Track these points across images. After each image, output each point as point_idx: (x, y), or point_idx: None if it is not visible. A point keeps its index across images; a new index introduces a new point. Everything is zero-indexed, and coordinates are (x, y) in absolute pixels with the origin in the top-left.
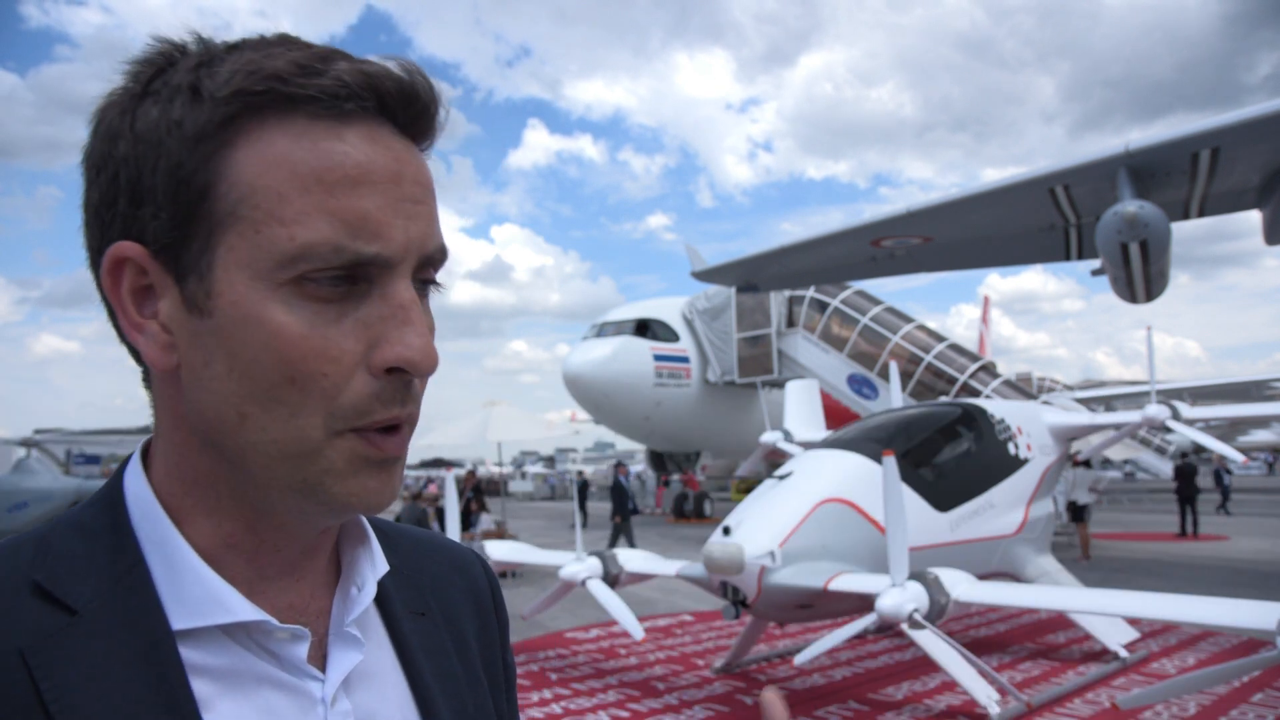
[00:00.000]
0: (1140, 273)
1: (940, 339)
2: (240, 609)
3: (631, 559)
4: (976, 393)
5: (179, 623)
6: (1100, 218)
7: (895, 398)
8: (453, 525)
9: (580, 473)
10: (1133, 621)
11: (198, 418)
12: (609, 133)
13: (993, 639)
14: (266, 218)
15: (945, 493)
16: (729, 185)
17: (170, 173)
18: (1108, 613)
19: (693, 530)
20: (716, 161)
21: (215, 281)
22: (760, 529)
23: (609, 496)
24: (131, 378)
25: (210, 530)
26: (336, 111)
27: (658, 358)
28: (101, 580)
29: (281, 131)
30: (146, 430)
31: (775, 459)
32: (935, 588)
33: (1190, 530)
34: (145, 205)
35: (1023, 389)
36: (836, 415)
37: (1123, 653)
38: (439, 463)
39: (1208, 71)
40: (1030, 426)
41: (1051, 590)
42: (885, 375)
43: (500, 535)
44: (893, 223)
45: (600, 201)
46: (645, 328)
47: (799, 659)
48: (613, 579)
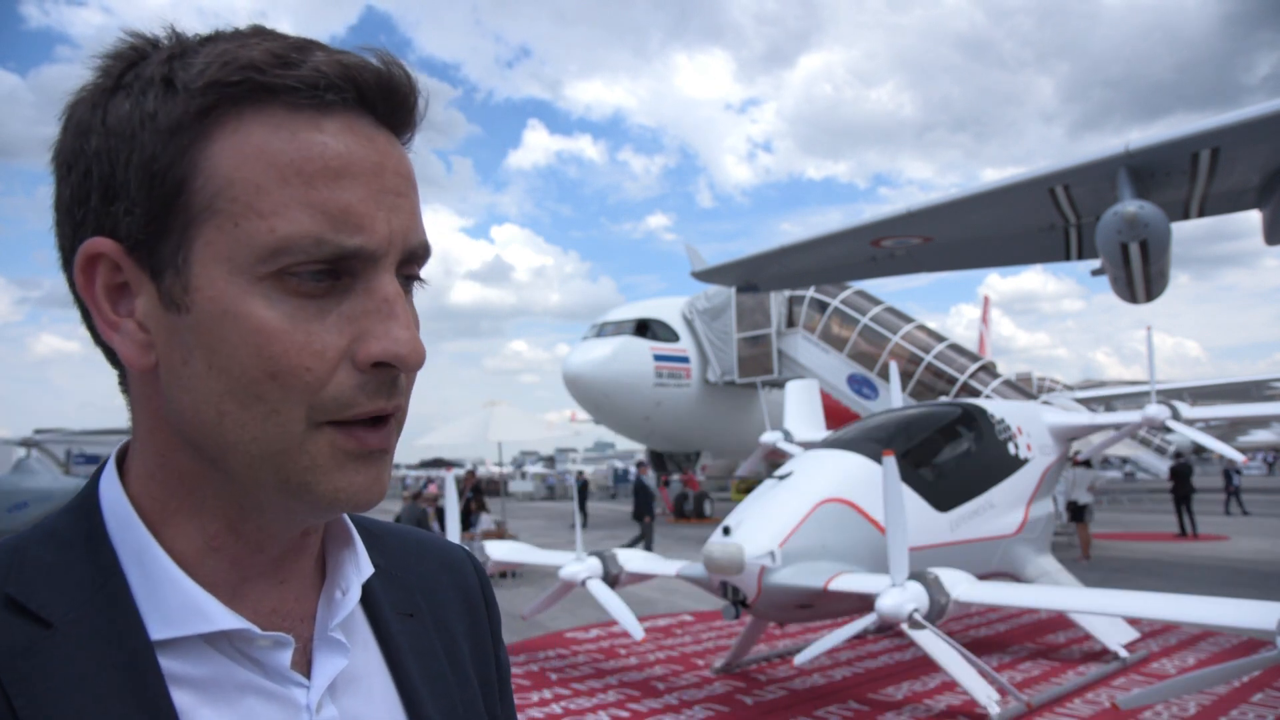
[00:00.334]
0: (1140, 273)
1: (940, 339)
2: (220, 618)
3: (631, 559)
4: (976, 393)
5: (158, 633)
6: (1100, 218)
7: (895, 398)
8: (453, 525)
9: (580, 473)
10: (1133, 621)
11: (178, 417)
12: (609, 133)
13: (993, 639)
14: (245, 210)
15: (945, 493)
16: (729, 185)
17: (144, 166)
18: (1108, 613)
19: (693, 530)
20: (716, 162)
21: (193, 277)
22: (760, 529)
23: (631, 496)
24: None
25: (193, 533)
26: (315, 102)
27: (658, 358)
28: (77, 592)
29: (259, 123)
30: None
31: (775, 459)
32: (935, 588)
33: (1190, 530)
34: (119, 200)
35: (1023, 389)
36: (836, 415)
37: (1123, 653)
38: (439, 463)
39: (1207, 72)
40: (1030, 426)
41: (1051, 590)
42: (885, 375)
43: (500, 535)
44: (893, 223)
45: (600, 202)
46: (645, 328)
47: (799, 659)
48: (613, 579)
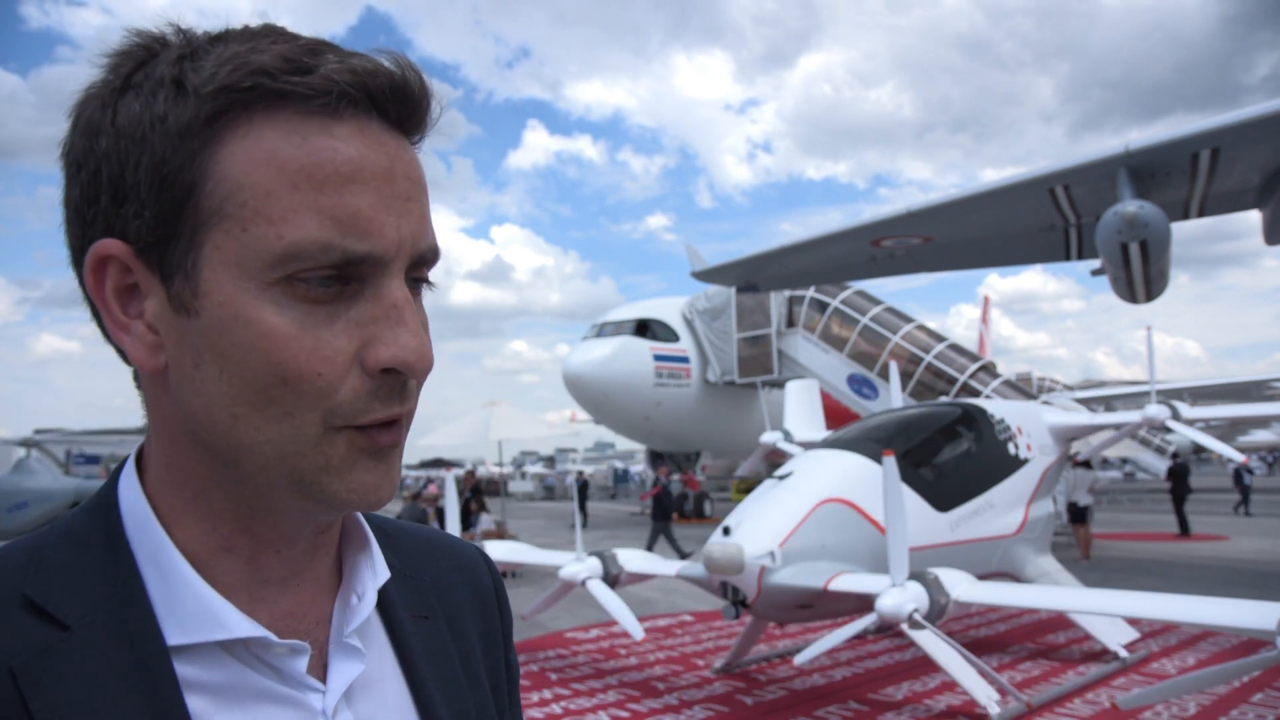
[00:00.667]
0: (1140, 273)
1: (940, 339)
2: (237, 625)
3: (631, 559)
4: (976, 393)
5: (174, 638)
6: (1100, 218)
7: (895, 398)
8: (453, 525)
9: (580, 473)
10: (1133, 621)
11: (188, 419)
12: (608, 133)
13: (993, 639)
14: (254, 216)
15: (945, 493)
16: (728, 186)
17: (154, 169)
18: (1108, 613)
19: (693, 530)
20: (716, 162)
21: (202, 281)
22: (760, 529)
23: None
24: (130, 378)
25: (204, 534)
26: (327, 107)
27: (658, 358)
28: (95, 594)
29: (270, 128)
30: (145, 431)
31: (775, 459)
32: (935, 588)
33: (1183, 530)
34: (128, 203)
35: (1023, 389)
36: (836, 415)
37: (1123, 653)
38: (439, 463)
39: (1206, 72)
40: (1030, 426)
41: (1051, 590)
42: (885, 375)
43: (500, 535)
44: (893, 223)
45: (600, 202)
46: (645, 328)
47: (799, 659)
48: (613, 579)
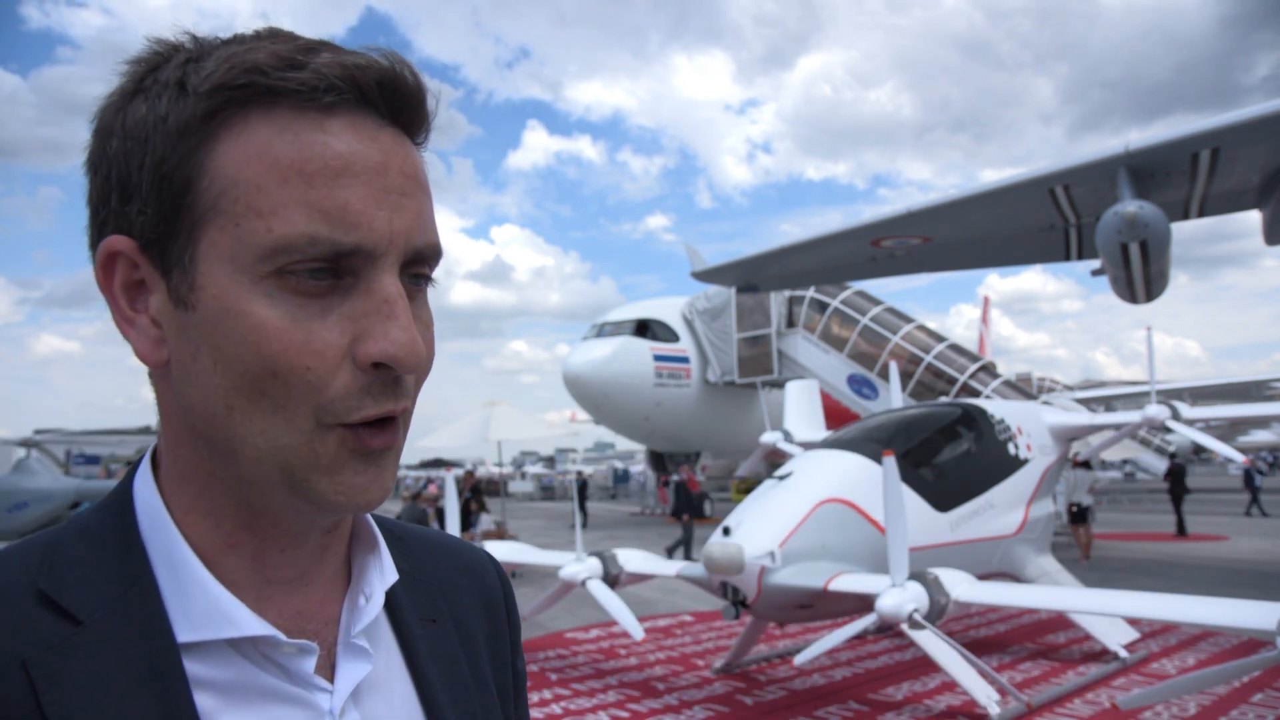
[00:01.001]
0: (1140, 273)
1: (940, 339)
2: (246, 624)
3: (631, 559)
4: (976, 393)
5: (184, 635)
6: (1100, 218)
7: (895, 398)
8: (453, 526)
9: (579, 473)
10: (1133, 622)
11: (188, 412)
12: (608, 134)
13: (993, 639)
14: (246, 210)
15: (945, 493)
16: (728, 186)
17: (155, 168)
18: (1108, 613)
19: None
20: (715, 163)
21: (199, 275)
22: (760, 529)
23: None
24: (131, 378)
25: (209, 530)
26: (320, 103)
27: (658, 358)
28: (108, 590)
29: (265, 124)
30: (147, 430)
31: (775, 459)
32: (935, 588)
33: (1180, 530)
34: (134, 200)
35: (1023, 389)
36: (836, 415)
37: (1123, 653)
38: (439, 463)
39: (1206, 73)
40: (1030, 427)
41: (1051, 590)
42: (885, 375)
43: (500, 535)
44: (893, 223)
45: (600, 202)
46: (645, 328)
47: (799, 659)
48: (613, 579)
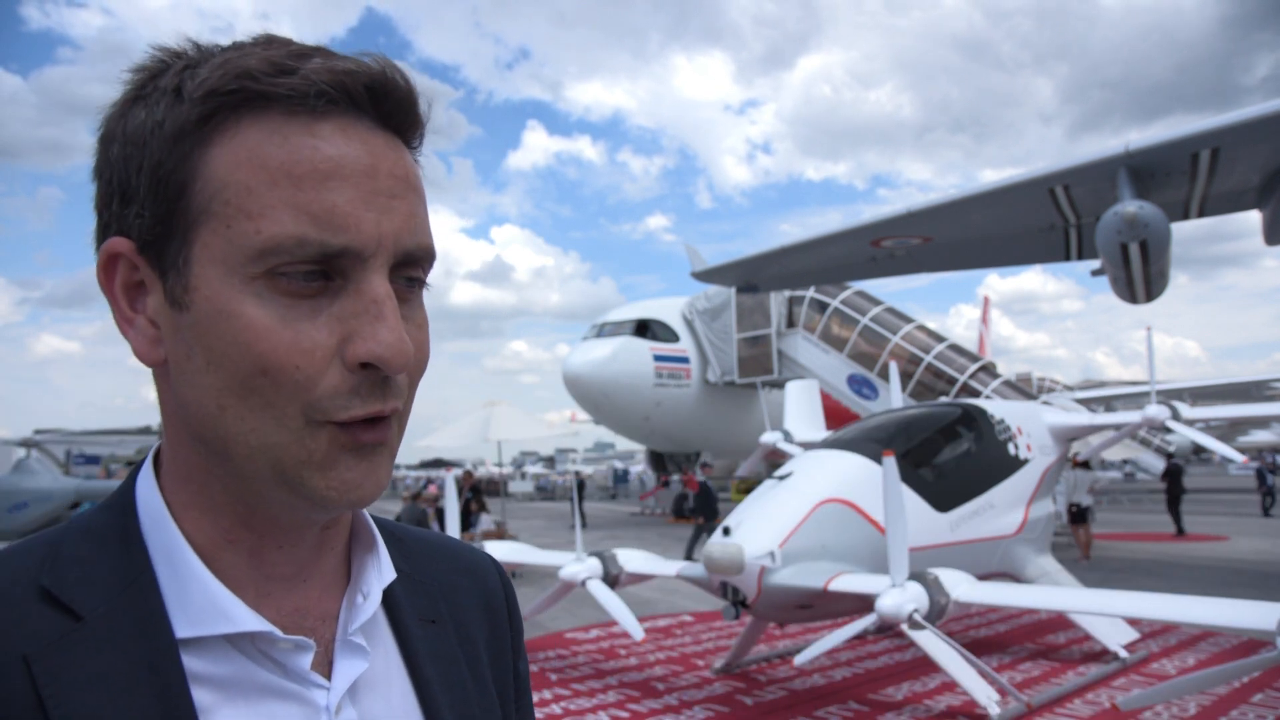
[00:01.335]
0: (1140, 273)
1: (940, 339)
2: (243, 619)
3: (631, 559)
4: (976, 393)
5: (183, 631)
6: (1100, 218)
7: (895, 398)
8: (452, 526)
9: (578, 473)
10: (1133, 622)
11: (184, 411)
12: (608, 134)
13: (993, 639)
14: (236, 213)
15: (945, 493)
16: (728, 186)
17: (152, 171)
18: (1108, 613)
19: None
20: (715, 163)
21: (192, 277)
22: (760, 529)
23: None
24: (131, 378)
25: (208, 527)
26: (310, 108)
27: (658, 358)
28: (108, 587)
29: (256, 129)
30: (147, 430)
31: (775, 459)
32: (935, 588)
33: (1177, 530)
34: (132, 204)
35: (1023, 389)
36: (836, 415)
37: (1123, 653)
38: (439, 463)
39: (1205, 73)
40: (1030, 427)
41: (1051, 590)
42: (885, 375)
43: (500, 535)
44: (893, 223)
45: (600, 202)
46: (645, 328)
47: (799, 659)
48: (612, 579)
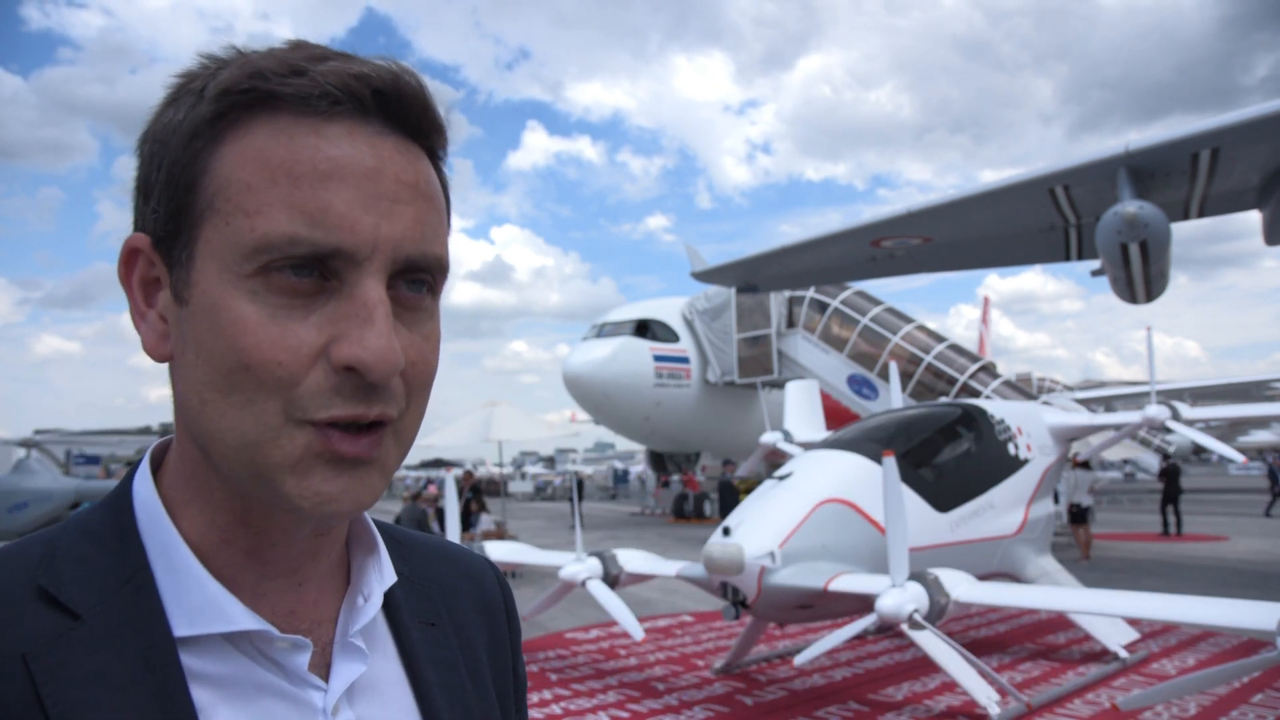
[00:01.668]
0: (1140, 273)
1: (940, 339)
2: (240, 618)
3: (631, 559)
4: (976, 393)
5: (181, 630)
6: (1100, 218)
7: (895, 398)
8: (452, 526)
9: (577, 473)
10: (1133, 622)
11: (180, 405)
12: (608, 134)
13: (993, 639)
14: (235, 210)
15: (945, 493)
16: (728, 187)
17: (169, 168)
18: (1108, 613)
19: (692, 530)
20: (715, 163)
21: (193, 272)
22: (760, 529)
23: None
24: (131, 378)
25: (205, 525)
26: (319, 110)
27: (658, 358)
28: (106, 585)
29: (266, 129)
30: (147, 430)
31: (775, 459)
32: (935, 588)
33: (1175, 530)
34: (151, 199)
35: (1023, 389)
36: (836, 415)
37: (1123, 653)
38: (439, 463)
39: (1205, 73)
40: (1030, 427)
41: (1051, 591)
42: (885, 375)
43: (500, 535)
44: (893, 223)
45: (600, 203)
46: (645, 328)
47: (799, 659)
48: (613, 579)
